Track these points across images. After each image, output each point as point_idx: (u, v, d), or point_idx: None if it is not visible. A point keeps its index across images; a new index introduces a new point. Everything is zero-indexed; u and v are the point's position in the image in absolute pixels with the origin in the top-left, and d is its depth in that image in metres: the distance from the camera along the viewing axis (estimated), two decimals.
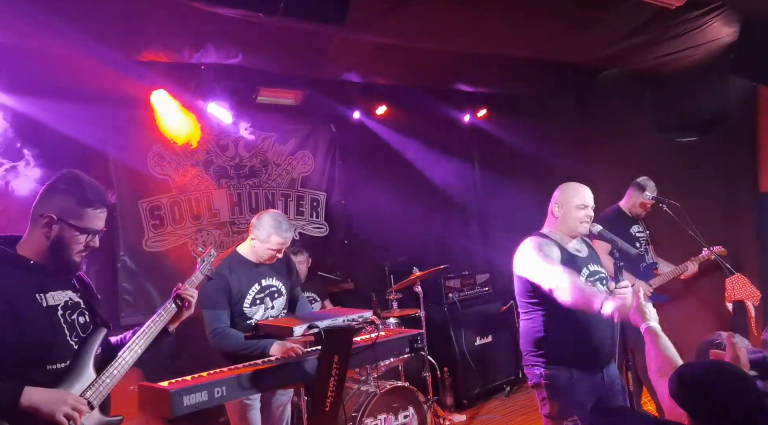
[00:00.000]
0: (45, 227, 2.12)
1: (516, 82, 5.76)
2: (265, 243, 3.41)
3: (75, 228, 2.14)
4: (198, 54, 4.02)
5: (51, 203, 2.14)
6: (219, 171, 5.35)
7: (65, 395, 2.03)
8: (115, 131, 4.72)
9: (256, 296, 3.47)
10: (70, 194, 2.15)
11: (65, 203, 2.14)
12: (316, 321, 2.86)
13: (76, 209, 2.14)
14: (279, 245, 3.42)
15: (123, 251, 4.80)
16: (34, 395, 1.96)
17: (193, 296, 2.49)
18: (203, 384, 2.68)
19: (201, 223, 5.23)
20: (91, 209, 2.17)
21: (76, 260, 2.19)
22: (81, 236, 2.15)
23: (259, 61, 4.41)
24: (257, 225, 3.43)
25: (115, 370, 2.21)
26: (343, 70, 4.94)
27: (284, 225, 3.42)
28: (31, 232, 2.16)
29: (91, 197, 2.17)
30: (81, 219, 2.15)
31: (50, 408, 1.97)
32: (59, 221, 2.12)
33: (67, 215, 2.13)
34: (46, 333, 2.08)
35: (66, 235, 2.13)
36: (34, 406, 1.95)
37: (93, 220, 2.18)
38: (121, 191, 4.79)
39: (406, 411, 4.30)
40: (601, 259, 3.72)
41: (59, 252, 2.14)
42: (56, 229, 2.12)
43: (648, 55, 4.57)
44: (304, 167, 5.91)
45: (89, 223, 2.17)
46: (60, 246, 2.14)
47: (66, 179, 2.19)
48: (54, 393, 2.01)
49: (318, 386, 2.87)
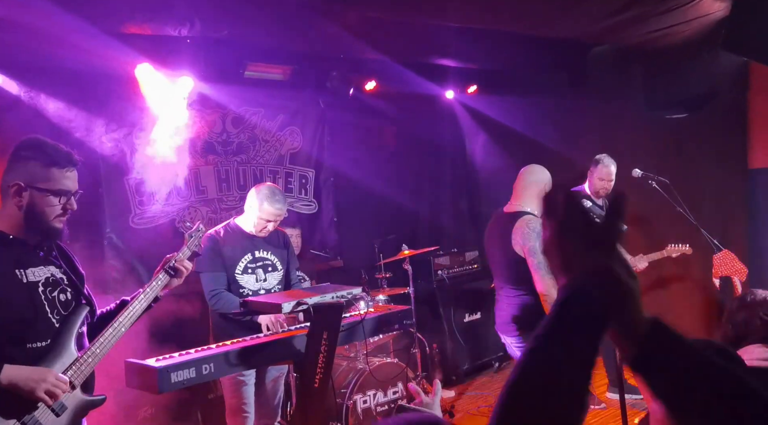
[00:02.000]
0: (15, 195, 2.06)
1: (506, 58, 5.71)
2: (258, 212, 3.46)
3: (46, 192, 2.08)
4: (184, 27, 3.94)
5: (17, 171, 2.08)
6: (206, 147, 5.28)
7: (45, 372, 2.00)
8: (99, 106, 4.64)
9: (248, 265, 3.51)
10: (34, 158, 2.09)
11: (30, 167, 2.08)
12: (305, 297, 2.84)
13: (42, 172, 2.09)
14: (270, 215, 3.45)
15: (109, 228, 4.75)
16: (14, 372, 1.94)
17: (187, 268, 2.47)
18: (191, 361, 2.66)
19: (188, 200, 5.18)
20: (58, 170, 2.11)
21: (56, 226, 2.13)
22: (54, 198, 2.10)
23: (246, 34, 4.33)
24: (252, 194, 3.50)
25: (97, 349, 2.17)
26: (332, 45, 4.86)
27: (277, 197, 3.46)
28: (4, 205, 2.10)
29: (56, 157, 2.12)
30: (49, 181, 2.09)
31: (30, 386, 1.94)
32: (27, 188, 2.06)
33: (34, 180, 2.07)
34: (25, 311, 2.04)
35: (38, 201, 2.08)
36: (14, 383, 1.93)
37: (62, 180, 2.12)
38: (106, 167, 4.73)
39: (395, 387, 4.32)
40: None
41: (35, 220, 2.09)
42: (26, 196, 2.07)
43: (639, 30, 4.53)
44: (292, 143, 5.85)
45: (59, 184, 2.11)
46: (34, 213, 2.08)
47: (28, 144, 2.13)
48: (34, 371, 1.99)
49: (307, 362, 2.87)
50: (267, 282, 3.58)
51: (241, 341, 3.02)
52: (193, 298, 4.20)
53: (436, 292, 5.72)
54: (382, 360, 4.32)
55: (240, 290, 3.49)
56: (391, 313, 3.54)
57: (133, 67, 4.55)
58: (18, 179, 2.07)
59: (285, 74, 5.34)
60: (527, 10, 4.11)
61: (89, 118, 4.56)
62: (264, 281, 3.57)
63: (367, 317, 3.19)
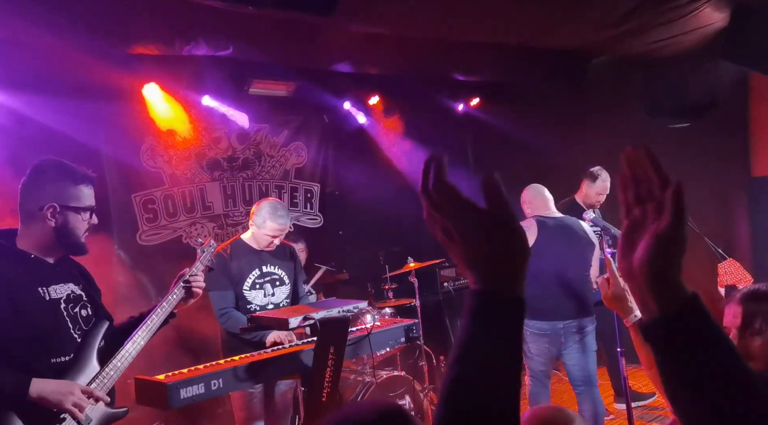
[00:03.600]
0: (50, 218, 2.12)
1: (508, 70, 5.75)
2: (262, 229, 3.49)
3: (77, 209, 2.16)
4: (189, 46, 4.00)
5: (47, 192, 2.14)
6: (212, 164, 5.34)
7: (72, 385, 2.06)
8: (106, 126, 4.70)
9: (255, 281, 3.54)
10: (62, 179, 2.17)
11: (61, 188, 2.15)
12: (312, 312, 2.87)
13: (73, 191, 2.17)
14: (274, 231, 3.49)
15: (117, 245, 4.80)
16: (42, 385, 1.99)
17: (201, 286, 2.52)
18: (200, 377, 2.69)
19: (195, 216, 5.23)
20: (84, 187, 2.20)
21: (83, 241, 2.22)
22: (84, 215, 2.19)
23: (250, 52, 4.40)
24: (256, 212, 3.53)
25: (118, 362, 2.23)
26: (334, 61, 4.92)
27: (280, 212, 3.49)
28: (28, 226, 2.16)
29: (79, 175, 2.21)
30: (80, 199, 2.18)
31: (58, 398, 2.00)
32: (61, 207, 2.13)
33: (66, 200, 2.15)
34: (49, 327, 2.10)
35: (71, 219, 2.16)
36: (42, 396, 1.98)
37: (89, 197, 2.22)
38: (113, 185, 4.78)
39: (402, 400, 4.33)
40: None
41: (68, 238, 2.17)
42: (60, 217, 2.13)
43: (639, 41, 4.58)
44: (297, 158, 5.90)
45: (87, 201, 2.21)
46: (67, 232, 2.16)
47: (51, 166, 2.20)
48: (61, 384, 2.04)
49: (314, 376, 2.89)
50: (275, 297, 3.60)
51: (249, 356, 3.05)
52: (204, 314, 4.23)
53: (442, 304, 5.73)
54: (389, 373, 4.33)
55: (248, 306, 3.50)
56: (397, 326, 3.57)
57: (141, 87, 4.63)
58: (51, 200, 2.13)
59: (289, 90, 5.41)
60: (527, 22, 4.16)
61: (97, 136, 4.63)
62: (272, 295, 3.59)
63: (373, 331, 3.21)
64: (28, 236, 2.16)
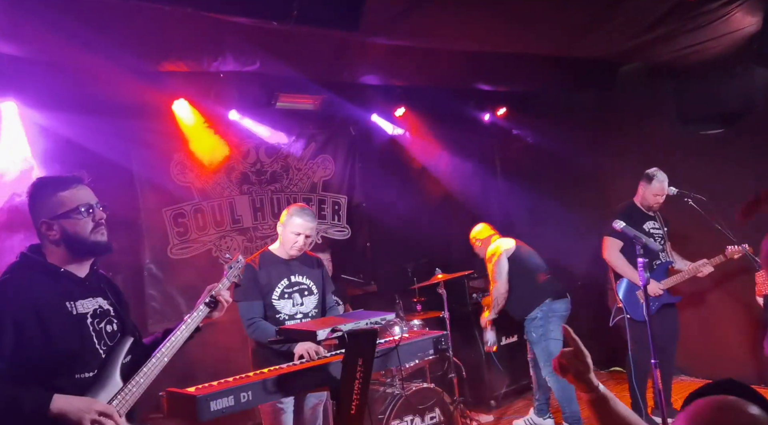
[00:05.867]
0: (47, 232, 2.16)
1: (536, 80, 5.72)
2: (287, 227, 3.53)
3: (68, 214, 2.16)
4: (217, 62, 4.07)
5: (39, 213, 2.19)
6: (241, 177, 5.40)
7: (93, 402, 2.05)
8: (137, 141, 4.80)
9: (284, 290, 3.56)
10: (43, 194, 2.20)
11: (44, 202, 2.18)
12: (340, 324, 2.86)
13: (55, 201, 2.18)
14: (299, 228, 3.51)
15: (149, 259, 4.87)
16: (63, 402, 1.99)
17: (227, 301, 2.52)
18: (229, 389, 2.69)
19: (224, 229, 5.28)
20: (63, 192, 2.19)
21: (98, 239, 2.21)
22: (78, 216, 2.18)
23: (277, 67, 4.46)
24: (282, 214, 3.61)
25: (141, 379, 2.23)
26: (360, 74, 4.95)
27: (306, 211, 3.58)
28: (44, 245, 2.21)
29: (57, 183, 2.22)
30: (64, 204, 2.17)
31: (78, 415, 1.99)
32: (52, 220, 2.16)
33: (53, 210, 2.17)
34: (74, 342, 2.10)
35: (66, 226, 2.17)
36: (63, 412, 1.98)
37: (76, 197, 2.20)
38: (145, 200, 4.87)
39: (432, 412, 4.29)
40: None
41: (76, 243, 2.18)
42: (56, 228, 2.16)
43: (669, 47, 4.51)
44: (324, 171, 5.93)
45: (73, 202, 2.19)
46: (70, 238, 2.17)
47: (34, 187, 2.24)
48: (82, 401, 2.04)
49: (343, 389, 2.87)
50: (304, 306, 3.62)
51: (278, 368, 3.05)
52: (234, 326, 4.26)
53: (471, 316, 5.67)
54: (418, 385, 4.29)
55: (276, 315, 3.52)
56: (426, 338, 3.54)
57: (170, 103, 4.72)
58: (41, 217, 2.18)
59: (315, 104, 5.45)
60: (555, 31, 4.13)
61: (128, 152, 4.73)
62: (301, 305, 3.61)
63: (401, 343, 3.19)
64: (51, 252, 2.20)
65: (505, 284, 4.70)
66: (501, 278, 4.70)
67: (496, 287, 4.73)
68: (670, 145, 5.58)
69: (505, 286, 4.70)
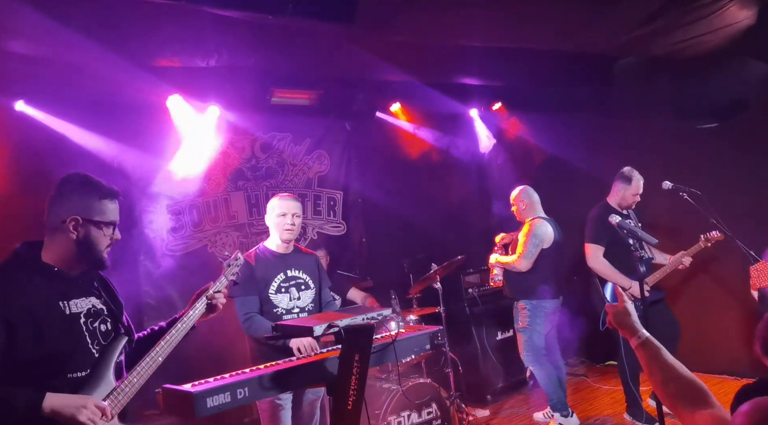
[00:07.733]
0: (72, 230, 2.14)
1: (531, 74, 5.71)
2: (272, 213, 3.60)
3: (100, 224, 2.17)
4: (212, 58, 4.04)
5: (71, 206, 2.15)
6: (236, 173, 5.38)
7: (86, 399, 2.04)
8: (132, 137, 4.77)
9: (281, 285, 3.57)
10: (87, 192, 2.17)
11: (85, 201, 2.16)
12: (336, 319, 2.85)
13: (98, 205, 2.18)
14: (282, 208, 3.58)
15: (143, 255, 4.85)
16: (56, 400, 1.98)
17: (223, 302, 2.51)
18: (226, 386, 2.68)
19: (219, 225, 5.27)
20: (109, 201, 2.21)
21: (105, 257, 2.21)
22: (106, 230, 2.19)
23: (272, 62, 4.43)
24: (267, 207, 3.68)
25: (134, 378, 2.21)
26: (356, 69, 4.93)
27: (285, 195, 3.69)
28: (53, 239, 2.16)
29: (105, 190, 2.21)
30: (104, 214, 2.18)
31: (71, 412, 1.98)
32: (84, 221, 2.14)
33: (90, 213, 2.16)
34: (67, 342, 2.09)
35: (92, 233, 2.16)
36: (56, 410, 1.96)
37: (113, 212, 2.22)
38: (139, 195, 4.85)
39: (429, 407, 4.29)
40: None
41: (89, 252, 2.16)
42: (82, 229, 2.15)
43: (665, 41, 4.50)
44: (320, 166, 5.92)
45: (110, 215, 2.21)
46: (88, 245, 2.16)
47: (77, 180, 2.21)
48: (75, 398, 2.02)
49: (340, 385, 2.87)
50: (301, 300, 3.63)
51: (275, 364, 3.04)
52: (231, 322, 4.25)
53: (467, 310, 5.68)
54: (415, 380, 4.30)
55: (274, 310, 3.52)
56: (422, 333, 3.54)
57: (165, 99, 4.69)
58: (74, 213, 2.14)
59: (311, 99, 5.44)
60: (550, 25, 4.11)
61: (123, 147, 4.70)
62: (297, 299, 3.61)
63: (398, 338, 3.18)
64: (52, 249, 2.16)
65: (527, 267, 4.70)
66: (527, 260, 4.69)
67: (518, 262, 4.72)
68: (665, 139, 5.58)
69: (527, 268, 4.70)
